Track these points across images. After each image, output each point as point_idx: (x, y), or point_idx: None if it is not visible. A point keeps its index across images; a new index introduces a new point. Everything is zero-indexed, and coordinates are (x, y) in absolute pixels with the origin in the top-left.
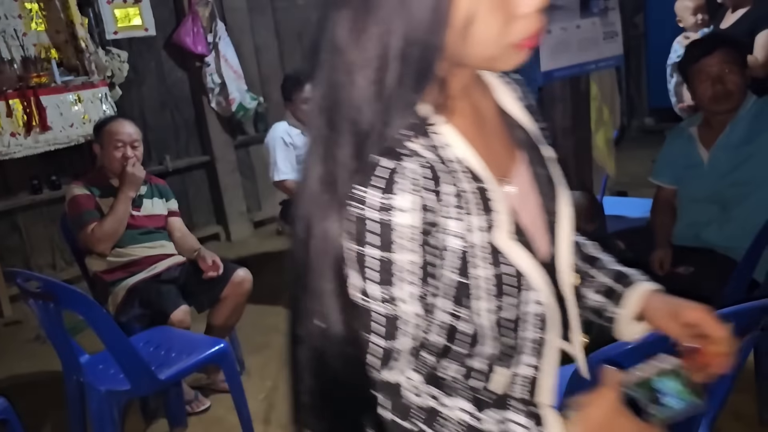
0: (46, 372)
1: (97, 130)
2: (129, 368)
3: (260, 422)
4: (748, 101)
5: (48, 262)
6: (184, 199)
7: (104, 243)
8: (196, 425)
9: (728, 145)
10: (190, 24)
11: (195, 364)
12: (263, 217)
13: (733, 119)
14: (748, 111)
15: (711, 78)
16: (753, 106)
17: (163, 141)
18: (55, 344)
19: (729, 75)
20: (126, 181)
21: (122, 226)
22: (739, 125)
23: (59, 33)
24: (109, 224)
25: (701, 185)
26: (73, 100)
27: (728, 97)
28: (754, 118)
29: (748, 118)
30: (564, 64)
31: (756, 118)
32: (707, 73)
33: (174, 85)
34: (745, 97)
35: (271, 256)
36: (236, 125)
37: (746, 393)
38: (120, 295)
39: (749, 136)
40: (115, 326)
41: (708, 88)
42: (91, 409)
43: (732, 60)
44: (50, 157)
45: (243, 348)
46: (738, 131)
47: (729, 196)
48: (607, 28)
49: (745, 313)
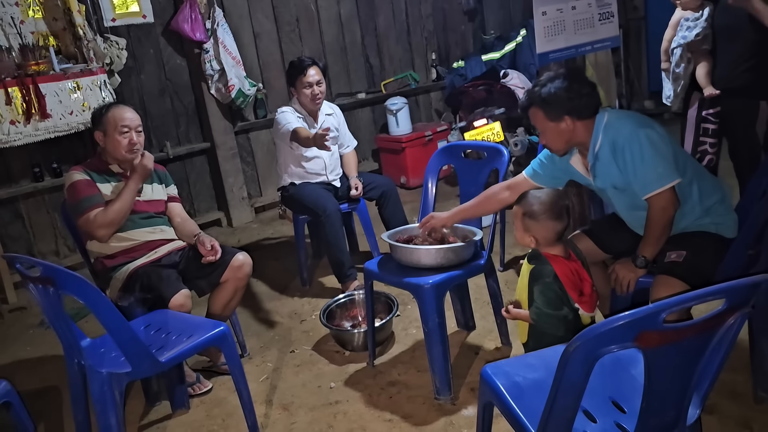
0: (49, 356)
1: (98, 117)
2: (130, 351)
3: (262, 404)
4: (597, 130)
5: (51, 249)
6: (186, 186)
7: (105, 229)
8: (198, 407)
9: (603, 177)
10: (188, 10)
11: (195, 347)
12: (264, 202)
13: (590, 152)
14: (602, 141)
15: None
16: (604, 133)
17: (163, 128)
18: (56, 328)
19: (543, 132)
20: (137, 172)
21: (125, 215)
22: (603, 157)
23: (57, 20)
24: (113, 212)
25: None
26: (72, 88)
27: (552, 149)
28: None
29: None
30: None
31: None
32: None
33: (173, 72)
34: (578, 137)
35: (273, 240)
36: (236, 111)
37: (741, 371)
38: (121, 280)
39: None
40: (114, 309)
41: None
42: (93, 392)
43: (539, 119)
44: (51, 145)
45: (244, 331)
46: (606, 162)
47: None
48: (602, 9)
49: (736, 290)
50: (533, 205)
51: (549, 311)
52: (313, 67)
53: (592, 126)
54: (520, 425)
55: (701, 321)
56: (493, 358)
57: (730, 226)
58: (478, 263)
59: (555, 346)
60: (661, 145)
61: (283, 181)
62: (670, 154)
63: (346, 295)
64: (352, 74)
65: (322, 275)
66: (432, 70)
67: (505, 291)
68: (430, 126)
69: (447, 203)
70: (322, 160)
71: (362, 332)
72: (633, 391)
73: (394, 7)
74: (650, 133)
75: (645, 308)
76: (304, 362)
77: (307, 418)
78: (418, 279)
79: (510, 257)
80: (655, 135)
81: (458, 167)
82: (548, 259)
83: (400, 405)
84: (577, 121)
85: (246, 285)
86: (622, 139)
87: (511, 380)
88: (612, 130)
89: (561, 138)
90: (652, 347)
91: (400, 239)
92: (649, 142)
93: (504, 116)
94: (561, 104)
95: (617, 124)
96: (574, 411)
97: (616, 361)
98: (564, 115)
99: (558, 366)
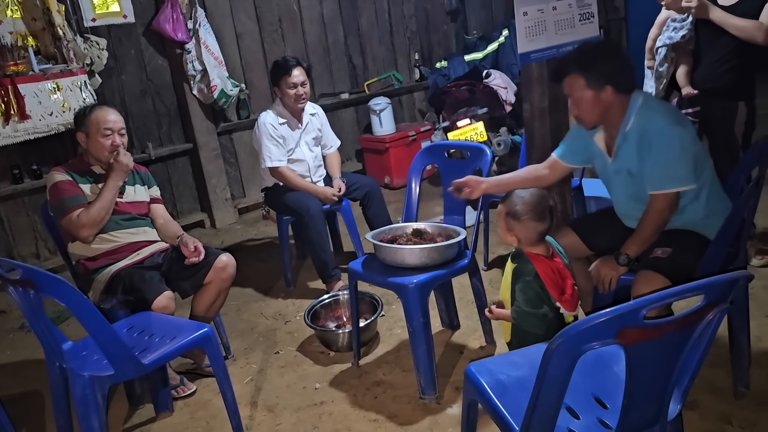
0: (30, 360)
1: (81, 118)
2: (112, 353)
3: (246, 405)
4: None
5: (32, 251)
6: (168, 187)
7: (88, 229)
8: (182, 410)
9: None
10: (170, 10)
11: (179, 349)
12: (248, 203)
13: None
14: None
15: (570, 101)
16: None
17: (145, 129)
18: (37, 332)
19: (577, 102)
20: (115, 170)
21: (108, 214)
22: (630, 139)
23: (36, 20)
24: (95, 211)
25: (616, 190)
26: (52, 89)
27: (582, 121)
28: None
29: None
30: (541, 46)
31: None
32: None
33: (155, 73)
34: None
35: (256, 241)
36: (218, 112)
37: (721, 367)
38: (103, 282)
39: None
40: (96, 311)
41: (571, 110)
42: (75, 396)
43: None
44: (31, 146)
45: (228, 333)
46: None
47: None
48: (583, 9)
49: (715, 287)
50: (517, 204)
51: (528, 309)
52: (297, 68)
53: (627, 103)
54: (504, 423)
55: (681, 317)
56: (477, 356)
57: (716, 230)
58: (462, 262)
59: (539, 344)
60: (689, 148)
61: (266, 182)
62: (692, 157)
63: (331, 296)
64: (335, 74)
65: (307, 276)
66: (415, 70)
67: (489, 290)
68: (413, 126)
69: (431, 203)
70: (306, 162)
71: (347, 332)
72: (615, 388)
73: (377, 7)
74: (683, 132)
75: (626, 305)
76: (289, 363)
77: (292, 419)
78: (403, 279)
79: (494, 256)
80: (687, 136)
81: (442, 167)
82: (530, 258)
83: (386, 405)
84: (615, 94)
85: (230, 286)
86: (654, 129)
87: (495, 378)
88: (646, 116)
89: (597, 109)
90: (633, 343)
91: (384, 239)
92: (680, 143)
93: (487, 116)
94: (605, 73)
95: (652, 112)
96: (557, 408)
97: (599, 358)
98: (606, 85)
99: (541, 363)
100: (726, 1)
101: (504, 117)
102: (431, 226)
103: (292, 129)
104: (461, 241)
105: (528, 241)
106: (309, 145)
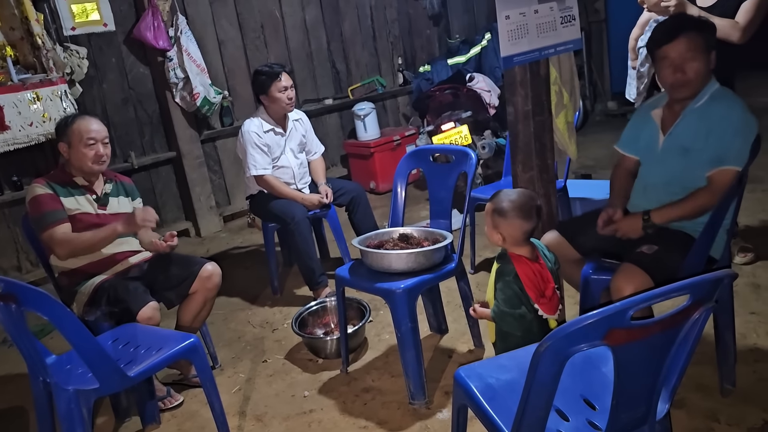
0: (12, 375)
1: (62, 128)
2: (97, 366)
3: (235, 415)
4: (707, 90)
5: (13, 264)
6: (152, 196)
7: (65, 251)
8: (169, 421)
9: (680, 135)
10: (151, 18)
11: (165, 360)
12: (233, 211)
13: (689, 106)
14: (705, 102)
15: (673, 65)
16: (711, 96)
17: (127, 137)
18: (20, 346)
19: (691, 62)
20: (129, 222)
21: (90, 249)
22: (691, 116)
23: (14, 30)
24: (81, 241)
25: (655, 171)
26: (32, 99)
27: (687, 85)
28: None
29: (701, 109)
30: (523, 50)
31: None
32: (670, 59)
33: (136, 81)
34: (707, 81)
35: (242, 249)
36: (201, 120)
37: (707, 365)
38: (86, 294)
39: (697, 132)
40: (79, 324)
41: (669, 75)
42: (60, 410)
43: (695, 47)
44: (10, 157)
45: (215, 342)
46: (690, 123)
47: (682, 184)
48: (564, 12)
49: (699, 286)
50: (503, 202)
51: (506, 309)
52: (284, 72)
53: (710, 77)
54: (494, 426)
55: (667, 317)
56: (466, 360)
57: None
58: (449, 266)
59: (527, 347)
60: (751, 137)
61: (251, 190)
62: None
63: (318, 303)
64: (318, 80)
65: (293, 283)
66: (398, 74)
67: (477, 293)
68: (398, 130)
69: (417, 207)
70: (291, 169)
71: (335, 339)
72: (604, 389)
73: (360, 13)
74: (753, 122)
75: (612, 306)
76: (277, 371)
77: (282, 427)
78: (390, 284)
79: (481, 259)
80: (755, 127)
81: (427, 171)
82: (512, 258)
83: (375, 411)
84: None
85: (216, 295)
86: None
87: (485, 382)
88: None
89: (704, 71)
90: (620, 344)
91: (370, 244)
92: (753, 129)
93: (471, 119)
94: (713, 41)
95: (733, 94)
96: (546, 410)
97: (587, 360)
98: (713, 50)
99: (530, 366)
100: (704, 2)
101: (488, 120)
102: (418, 231)
103: (276, 136)
104: (448, 245)
105: (513, 240)
106: (294, 152)
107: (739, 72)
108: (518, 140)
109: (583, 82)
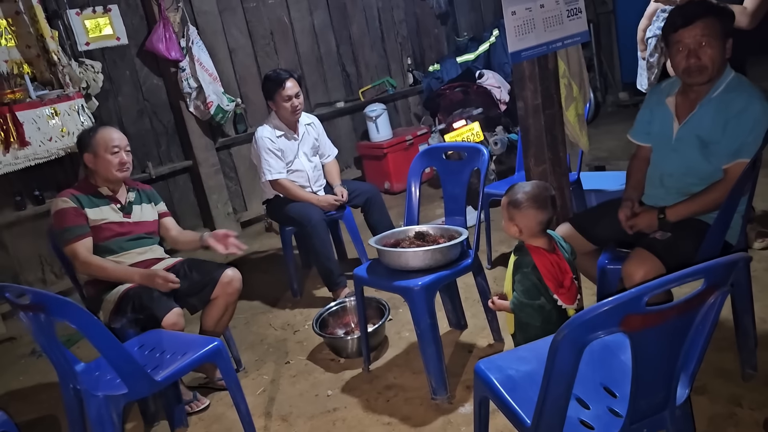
0: (43, 385)
1: (86, 139)
2: (125, 372)
3: (260, 416)
4: (724, 78)
5: (38, 277)
6: (170, 205)
7: (83, 271)
8: (197, 424)
9: (696, 126)
10: (162, 30)
11: (190, 364)
12: (250, 216)
13: (705, 96)
14: (722, 92)
15: (688, 50)
16: (727, 86)
17: (144, 148)
18: (50, 355)
19: (706, 48)
20: (149, 278)
21: (108, 279)
22: (708, 107)
23: (30, 48)
24: (101, 270)
25: (671, 160)
26: (50, 114)
27: (702, 71)
28: (721, 106)
29: (718, 100)
30: (531, 44)
31: (724, 105)
32: (685, 44)
33: (151, 92)
34: (723, 69)
35: (261, 254)
36: (216, 128)
37: (728, 350)
38: (112, 302)
39: (714, 124)
40: (106, 331)
41: (683, 60)
42: (91, 416)
43: (711, 32)
44: (32, 172)
45: (238, 345)
46: (706, 113)
47: (699, 175)
48: (570, 5)
49: (713, 270)
50: (517, 194)
51: (525, 300)
52: (290, 80)
53: (725, 65)
54: (515, 417)
55: (682, 302)
56: (486, 354)
57: None
58: (465, 262)
59: (546, 338)
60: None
61: (267, 195)
62: None
63: (338, 303)
64: (329, 83)
65: (313, 285)
66: (408, 74)
67: (494, 288)
68: (410, 130)
69: (431, 205)
70: (305, 172)
71: (356, 338)
72: (623, 376)
73: (367, 15)
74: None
75: (627, 293)
76: (300, 372)
77: (307, 427)
78: (408, 281)
79: (497, 254)
80: None
81: (440, 169)
82: (530, 250)
83: (398, 407)
84: (728, 53)
85: (237, 300)
86: (756, 104)
87: (505, 374)
88: (743, 89)
89: (719, 59)
90: (637, 330)
91: (387, 243)
92: None
93: (482, 116)
94: (731, 27)
95: (749, 84)
96: (566, 399)
97: (606, 348)
98: (730, 38)
99: (548, 355)
100: None
101: (499, 116)
102: (433, 228)
103: (289, 140)
104: (464, 241)
105: (529, 231)
106: (307, 156)
107: (750, 57)
108: (529, 134)
109: (593, 74)
